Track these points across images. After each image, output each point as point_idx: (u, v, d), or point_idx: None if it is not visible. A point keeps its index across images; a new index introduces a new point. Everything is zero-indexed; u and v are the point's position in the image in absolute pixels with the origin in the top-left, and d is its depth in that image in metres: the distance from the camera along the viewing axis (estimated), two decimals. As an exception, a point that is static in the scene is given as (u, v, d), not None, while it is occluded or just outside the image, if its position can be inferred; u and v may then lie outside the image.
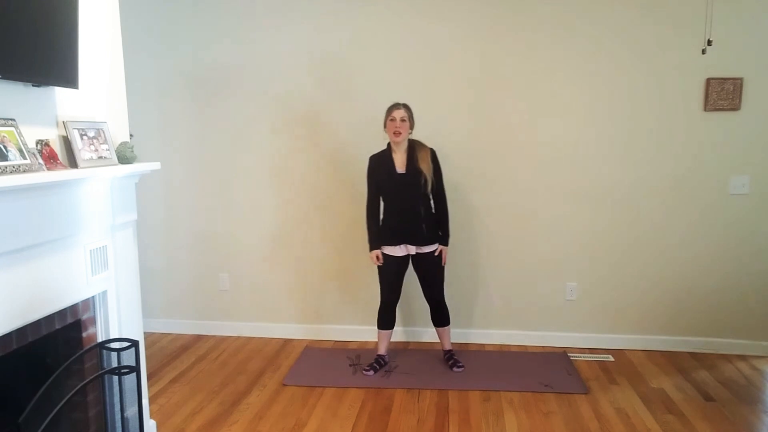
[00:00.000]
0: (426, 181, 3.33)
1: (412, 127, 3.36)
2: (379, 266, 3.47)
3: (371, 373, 3.46)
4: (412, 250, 3.42)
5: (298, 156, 3.99)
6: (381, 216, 3.46)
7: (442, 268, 3.49)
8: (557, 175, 3.81)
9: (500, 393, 3.22)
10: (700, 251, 3.75)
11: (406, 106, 3.34)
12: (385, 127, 3.37)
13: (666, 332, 3.83)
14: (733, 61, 3.56)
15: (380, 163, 3.39)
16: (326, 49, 3.86)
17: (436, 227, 3.44)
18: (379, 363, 3.53)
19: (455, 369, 3.50)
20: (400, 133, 3.30)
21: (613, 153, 3.75)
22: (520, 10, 3.69)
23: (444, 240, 3.45)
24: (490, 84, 3.78)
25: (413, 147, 3.37)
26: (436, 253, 3.42)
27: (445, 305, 3.56)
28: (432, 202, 3.44)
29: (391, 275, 3.47)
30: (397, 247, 3.41)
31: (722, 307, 3.76)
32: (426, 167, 3.33)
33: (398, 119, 3.29)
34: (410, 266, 3.52)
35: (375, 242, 3.43)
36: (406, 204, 3.38)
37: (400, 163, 3.36)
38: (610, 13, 3.63)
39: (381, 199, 3.45)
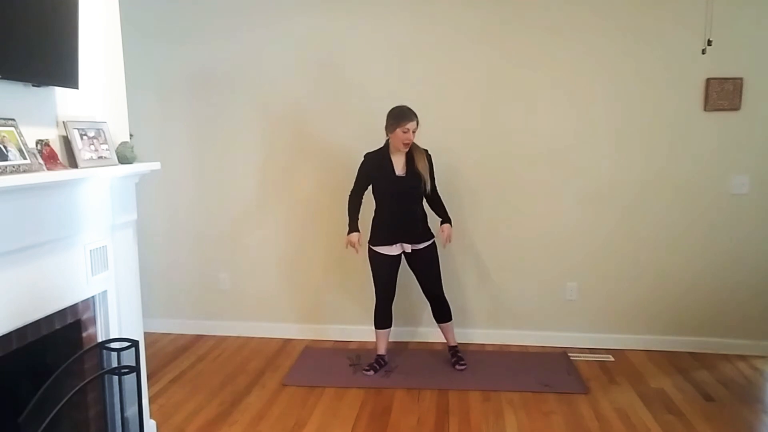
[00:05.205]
0: (425, 183, 3.37)
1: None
2: (373, 266, 3.48)
3: (371, 373, 3.46)
4: (408, 248, 3.43)
5: (299, 156, 3.98)
6: (373, 215, 3.46)
7: (438, 262, 3.50)
8: (557, 175, 3.81)
9: (500, 393, 3.22)
10: (700, 251, 3.75)
11: (416, 115, 3.32)
12: (390, 131, 3.34)
13: (666, 332, 3.83)
14: (733, 61, 3.56)
15: (377, 164, 3.38)
16: (328, 50, 3.86)
17: (427, 225, 3.46)
18: (379, 363, 3.53)
19: (458, 367, 3.51)
20: (410, 144, 3.31)
21: (613, 153, 3.75)
22: (520, 11, 3.68)
23: (449, 220, 3.48)
24: (491, 85, 3.78)
25: (411, 150, 3.37)
26: (444, 237, 3.44)
27: (446, 300, 3.56)
28: (427, 201, 3.47)
29: (385, 274, 3.48)
30: (393, 246, 3.42)
31: (722, 307, 3.76)
32: (423, 168, 3.35)
33: (411, 131, 3.28)
34: (403, 266, 3.53)
35: (355, 227, 3.42)
36: (404, 206, 3.38)
37: (399, 166, 3.36)
38: (610, 14, 3.63)
39: (375, 200, 3.45)
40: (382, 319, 3.55)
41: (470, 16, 3.72)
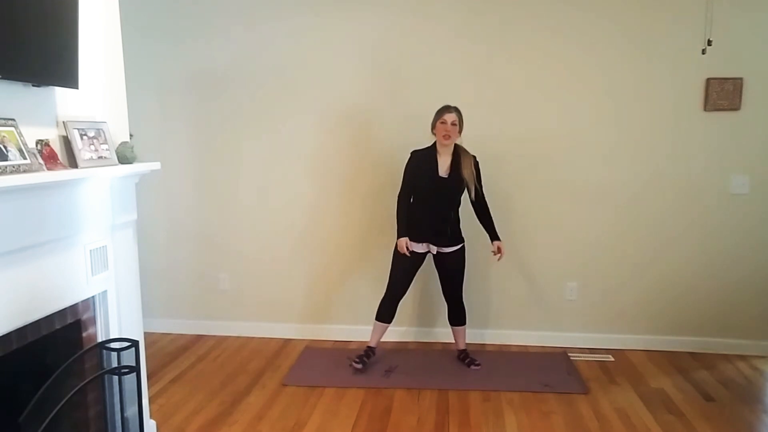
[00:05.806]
0: (467, 188, 3.36)
1: (461, 131, 3.34)
2: (395, 258, 3.46)
3: (360, 366, 3.44)
4: (434, 249, 3.43)
5: (298, 157, 3.98)
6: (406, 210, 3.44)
7: (464, 267, 3.50)
8: (557, 175, 3.81)
9: (500, 393, 3.22)
10: (700, 251, 3.75)
11: (457, 110, 3.31)
12: (433, 128, 3.34)
13: (666, 332, 3.83)
14: (733, 61, 3.56)
15: (422, 162, 3.37)
16: (328, 49, 3.86)
17: (459, 229, 3.46)
18: (368, 355, 3.51)
19: (472, 367, 3.51)
20: (449, 137, 3.29)
21: (613, 153, 3.75)
22: (520, 12, 3.69)
23: (497, 236, 3.47)
24: (492, 85, 3.78)
25: (458, 152, 3.36)
26: (496, 251, 3.45)
27: (463, 305, 3.57)
28: (473, 208, 3.45)
29: (404, 270, 3.46)
30: (420, 244, 3.41)
31: (722, 307, 3.76)
32: (468, 174, 3.34)
33: (449, 123, 3.28)
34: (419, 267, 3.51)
35: (404, 231, 3.38)
36: (440, 207, 3.38)
37: (444, 167, 3.35)
38: (611, 14, 3.63)
39: (412, 195, 3.43)
40: (386, 312, 3.53)
41: (472, 17, 3.72)
